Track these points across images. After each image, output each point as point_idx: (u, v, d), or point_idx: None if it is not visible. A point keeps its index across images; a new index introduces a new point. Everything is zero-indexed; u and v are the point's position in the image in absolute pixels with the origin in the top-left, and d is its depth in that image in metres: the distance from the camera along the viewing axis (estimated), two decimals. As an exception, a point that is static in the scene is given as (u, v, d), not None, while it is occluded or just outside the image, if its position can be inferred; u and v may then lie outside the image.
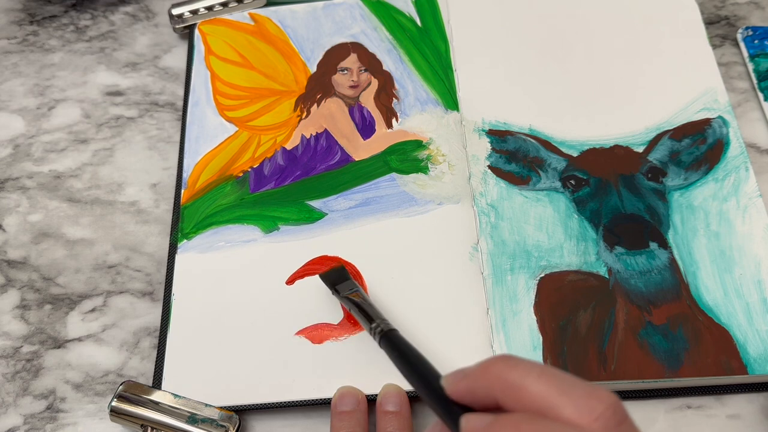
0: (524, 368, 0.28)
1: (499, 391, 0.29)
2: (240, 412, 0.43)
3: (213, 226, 0.50)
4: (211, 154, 0.53)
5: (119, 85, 0.58)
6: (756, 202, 0.47)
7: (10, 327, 0.48)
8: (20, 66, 0.60)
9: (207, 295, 0.47)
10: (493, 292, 0.45)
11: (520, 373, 0.28)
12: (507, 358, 0.29)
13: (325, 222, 0.49)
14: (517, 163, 0.50)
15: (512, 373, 0.28)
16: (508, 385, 0.28)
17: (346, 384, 0.43)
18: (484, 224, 0.47)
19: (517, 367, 0.28)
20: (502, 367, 0.29)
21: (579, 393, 0.27)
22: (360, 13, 0.59)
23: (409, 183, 0.50)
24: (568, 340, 0.43)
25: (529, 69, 0.54)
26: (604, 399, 0.27)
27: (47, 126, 0.56)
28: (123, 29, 0.62)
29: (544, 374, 0.28)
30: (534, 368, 0.28)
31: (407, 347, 0.37)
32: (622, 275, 0.45)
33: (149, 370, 0.46)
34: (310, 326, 0.45)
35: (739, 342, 0.42)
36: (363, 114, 0.54)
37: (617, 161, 0.49)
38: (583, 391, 0.27)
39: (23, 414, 0.45)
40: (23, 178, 0.54)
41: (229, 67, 0.57)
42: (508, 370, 0.29)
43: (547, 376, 0.28)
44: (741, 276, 0.45)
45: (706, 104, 0.52)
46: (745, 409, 0.43)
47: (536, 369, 0.28)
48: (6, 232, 0.52)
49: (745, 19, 0.59)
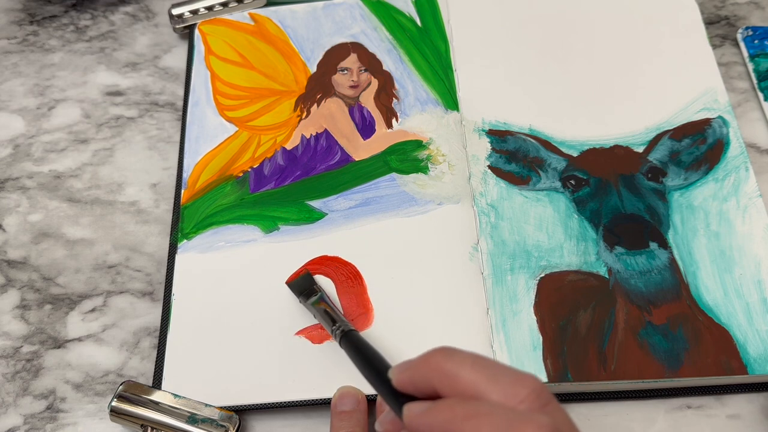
0: (459, 358, 0.31)
1: (436, 380, 0.31)
2: (240, 412, 0.43)
3: (213, 226, 0.50)
4: (211, 154, 0.53)
5: (119, 85, 0.58)
6: (756, 202, 0.47)
7: (10, 327, 0.48)
8: (20, 66, 0.60)
9: (207, 295, 0.47)
10: (493, 292, 0.45)
11: (455, 363, 0.31)
12: (445, 350, 0.32)
13: (325, 222, 0.49)
14: (517, 163, 0.50)
15: (448, 364, 0.31)
16: (444, 375, 0.31)
17: (346, 384, 0.43)
18: (484, 224, 0.47)
19: (453, 358, 0.31)
20: (440, 358, 0.31)
21: (506, 380, 0.30)
22: (360, 13, 0.59)
23: (409, 183, 0.50)
24: (568, 340, 0.43)
25: (529, 69, 0.54)
26: (528, 384, 0.29)
27: (47, 126, 0.56)
28: (123, 29, 0.62)
29: (476, 363, 0.30)
30: (467, 358, 0.31)
31: (363, 344, 0.39)
32: (622, 275, 0.45)
33: (149, 370, 0.46)
34: (310, 326, 0.45)
35: (739, 342, 0.42)
36: (363, 114, 0.54)
37: (617, 161, 0.49)
38: (509, 378, 0.30)
39: (23, 414, 0.45)
40: (23, 178, 0.54)
41: (229, 67, 0.57)
42: (444, 361, 0.31)
43: (479, 365, 0.30)
44: (741, 276, 0.45)
45: (706, 104, 0.52)
46: (745, 409, 0.43)
47: (469, 359, 0.31)
48: (6, 232, 0.52)
49: (745, 19, 0.59)
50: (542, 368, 0.42)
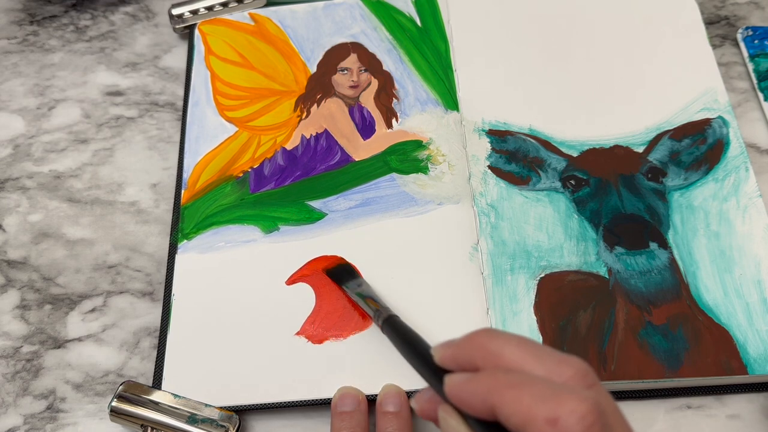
0: (504, 338, 0.31)
1: (480, 358, 0.31)
2: (240, 412, 0.43)
3: (213, 226, 0.50)
4: (211, 154, 0.53)
5: (119, 85, 0.58)
6: (756, 202, 0.47)
7: (10, 327, 0.48)
8: (20, 66, 0.60)
9: (207, 295, 0.47)
10: (493, 292, 0.45)
11: (499, 342, 0.31)
12: (489, 330, 0.32)
13: (325, 222, 0.49)
14: (517, 163, 0.50)
15: (492, 342, 0.31)
16: (488, 353, 0.31)
17: (346, 384, 0.43)
18: (484, 224, 0.47)
19: (498, 338, 0.31)
20: (484, 337, 0.31)
21: (551, 359, 0.29)
22: (360, 13, 0.59)
23: (409, 183, 0.50)
24: (568, 340, 0.43)
25: (529, 69, 0.54)
26: (573, 364, 0.29)
27: (47, 126, 0.56)
28: (123, 29, 0.62)
29: (521, 344, 0.30)
30: (512, 338, 0.31)
31: (405, 328, 0.39)
32: (622, 275, 0.45)
33: (149, 370, 0.46)
34: (308, 325, 0.45)
35: (739, 342, 0.42)
36: (363, 114, 0.54)
37: (617, 161, 0.49)
38: (555, 358, 0.30)
39: (23, 414, 0.45)
40: (23, 178, 0.54)
41: (229, 67, 0.57)
42: (489, 340, 0.31)
43: (524, 345, 0.30)
44: (741, 276, 0.45)
45: (706, 104, 0.52)
46: (745, 409, 0.43)
47: (515, 339, 0.31)
48: (6, 232, 0.52)
49: (745, 19, 0.59)
50: (542, 368, 0.42)
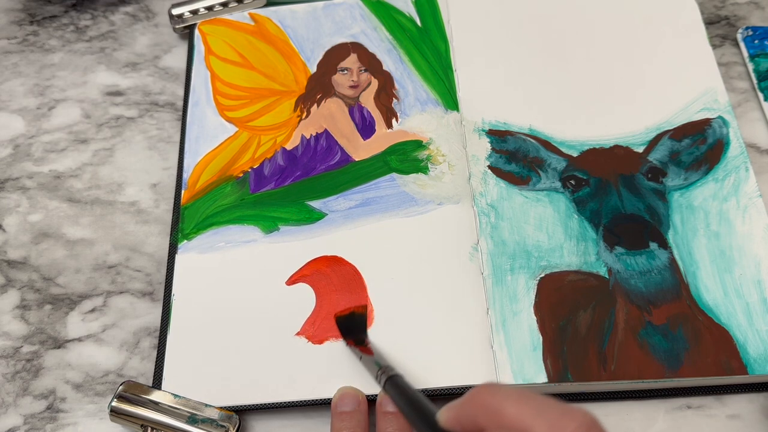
0: (503, 394, 0.30)
1: (482, 416, 0.31)
2: (240, 412, 0.43)
3: (213, 226, 0.50)
4: (212, 154, 0.53)
5: (119, 85, 0.58)
6: (756, 202, 0.47)
7: (10, 327, 0.48)
8: (20, 66, 0.60)
9: (207, 295, 0.47)
10: (493, 292, 0.45)
11: (499, 399, 0.30)
12: (489, 386, 0.31)
13: (325, 222, 0.49)
14: (517, 163, 0.50)
15: (493, 400, 0.30)
16: (489, 411, 0.30)
17: (346, 384, 0.43)
18: (484, 224, 0.47)
19: (498, 394, 0.31)
20: (484, 394, 0.31)
21: (553, 413, 0.29)
22: (360, 13, 0.59)
23: (409, 183, 0.50)
24: (568, 340, 0.43)
25: (529, 69, 0.54)
26: (576, 418, 0.29)
27: (47, 126, 0.56)
28: (123, 29, 0.62)
29: (521, 398, 0.30)
30: (512, 393, 0.30)
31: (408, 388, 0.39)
32: (622, 275, 0.45)
33: (149, 370, 0.46)
34: (309, 325, 0.45)
35: (739, 342, 0.42)
36: (363, 114, 0.54)
37: (617, 161, 0.49)
38: (557, 411, 0.29)
39: (23, 414, 0.45)
40: (23, 178, 0.54)
41: (229, 67, 0.57)
42: (489, 397, 0.31)
43: (524, 399, 0.30)
44: (741, 276, 0.45)
45: (706, 104, 0.52)
46: (745, 409, 0.43)
47: (514, 394, 0.30)
48: (6, 232, 0.52)
49: (745, 19, 0.59)
50: (542, 368, 0.42)
